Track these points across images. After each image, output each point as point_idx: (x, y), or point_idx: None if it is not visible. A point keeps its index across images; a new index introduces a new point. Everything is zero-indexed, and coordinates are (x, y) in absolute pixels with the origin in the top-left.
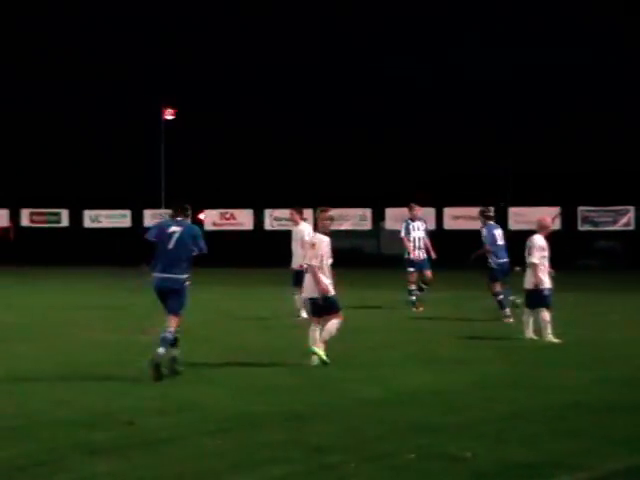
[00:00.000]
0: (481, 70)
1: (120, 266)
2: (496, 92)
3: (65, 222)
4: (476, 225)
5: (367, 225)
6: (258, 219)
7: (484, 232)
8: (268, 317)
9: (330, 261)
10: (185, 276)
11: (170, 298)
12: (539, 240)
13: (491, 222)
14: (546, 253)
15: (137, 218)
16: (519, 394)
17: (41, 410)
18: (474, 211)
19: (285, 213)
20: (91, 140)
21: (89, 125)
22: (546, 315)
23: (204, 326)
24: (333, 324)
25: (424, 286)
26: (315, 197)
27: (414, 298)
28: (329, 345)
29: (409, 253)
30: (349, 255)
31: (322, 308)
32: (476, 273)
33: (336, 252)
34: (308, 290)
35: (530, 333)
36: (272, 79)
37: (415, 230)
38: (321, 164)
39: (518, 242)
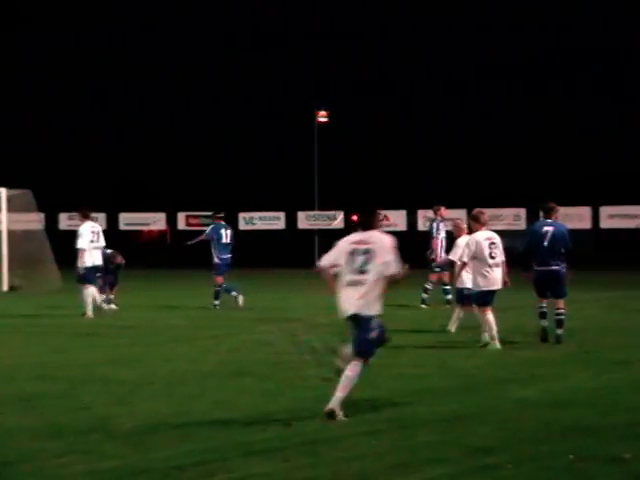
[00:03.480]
0: None
1: (275, 267)
2: None
3: None
4: (632, 223)
5: (521, 225)
6: (411, 220)
7: (208, 230)
8: (423, 319)
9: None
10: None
11: (557, 284)
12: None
13: (221, 222)
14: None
15: (291, 220)
16: None
17: (200, 410)
18: (631, 209)
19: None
20: (245, 143)
21: (243, 129)
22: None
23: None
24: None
25: (447, 287)
26: (469, 197)
27: (427, 296)
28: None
29: (434, 253)
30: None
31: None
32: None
33: None
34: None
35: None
36: (421, 80)
37: (442, 231)
38: (474, 163)
39: None
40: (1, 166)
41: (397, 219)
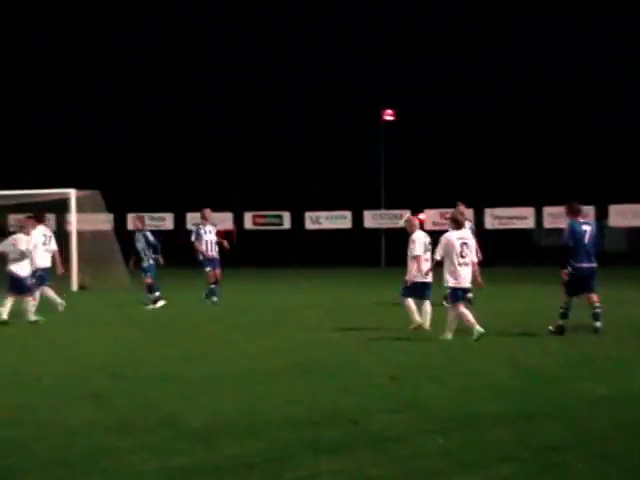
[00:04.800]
0: None
1: (341, 266)
2: None
3: (287, 224)
4: None
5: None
6: (478, 218)
7: (198, 230)
8: (485, 317)
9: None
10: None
11: (593, 280)
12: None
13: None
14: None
15: (357, 219)
16: None
17: (268, 409)
18: None
19: (505, 212)
20: (311, 143)
21: (309, 128)
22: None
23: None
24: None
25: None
26: (536, 195)
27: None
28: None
29: None
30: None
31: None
32: None
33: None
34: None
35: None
36: (489, 78)
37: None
38: (542, 161)
39: None
40: (71, 167)
41: None
